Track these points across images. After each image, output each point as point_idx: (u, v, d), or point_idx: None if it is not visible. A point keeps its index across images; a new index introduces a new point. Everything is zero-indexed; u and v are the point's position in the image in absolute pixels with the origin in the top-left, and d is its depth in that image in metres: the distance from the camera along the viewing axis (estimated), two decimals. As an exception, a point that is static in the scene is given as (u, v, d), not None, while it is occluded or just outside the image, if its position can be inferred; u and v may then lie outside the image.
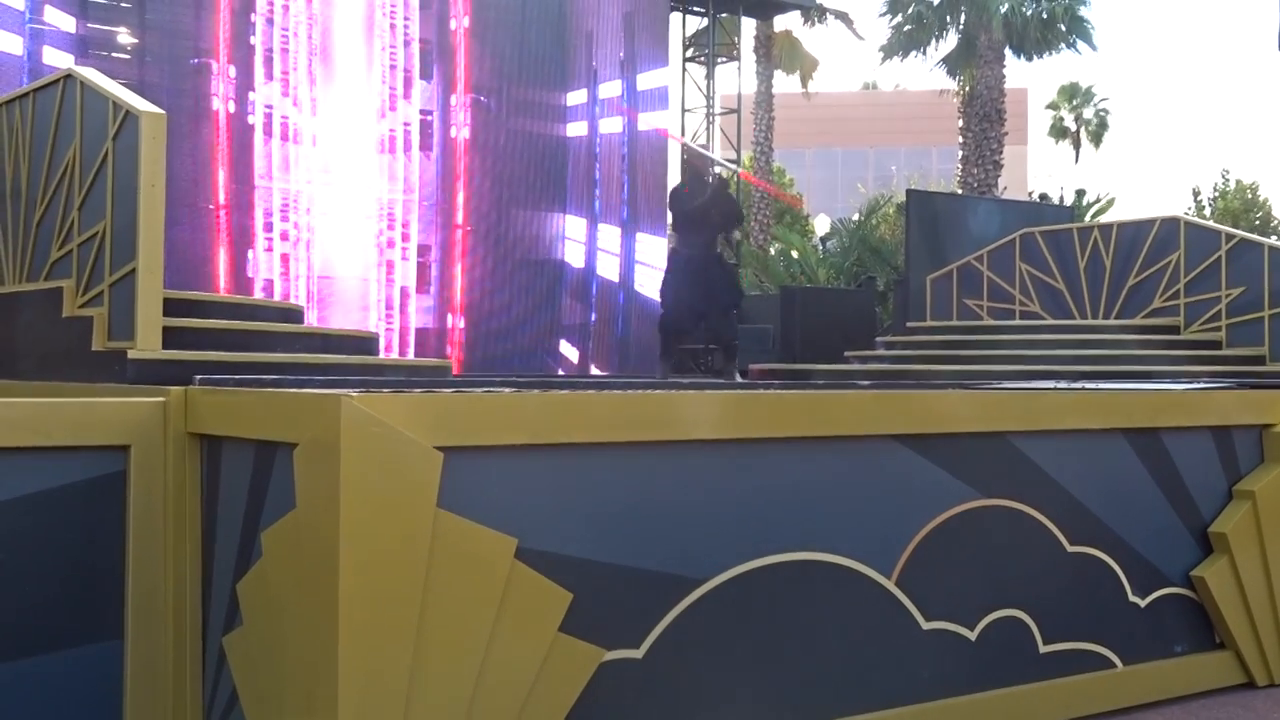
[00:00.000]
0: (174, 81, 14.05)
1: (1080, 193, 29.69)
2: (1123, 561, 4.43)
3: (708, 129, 19.56)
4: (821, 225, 30.14)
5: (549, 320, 16.90)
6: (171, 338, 4.79)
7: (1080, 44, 27.22)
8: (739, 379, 10.93)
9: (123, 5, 13.36)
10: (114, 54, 13.40)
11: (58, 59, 12.92)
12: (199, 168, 14.32)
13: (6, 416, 3.34)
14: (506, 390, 3.39)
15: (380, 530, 2.89)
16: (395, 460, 2.92)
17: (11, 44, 12.86)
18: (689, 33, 19.98)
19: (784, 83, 30.89)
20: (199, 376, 3.97)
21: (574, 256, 17.15)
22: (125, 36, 13.40)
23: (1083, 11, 27.09)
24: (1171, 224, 11.42)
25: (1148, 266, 11.46)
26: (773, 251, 26.72)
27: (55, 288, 5.23)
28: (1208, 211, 32.94)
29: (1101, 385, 5.52)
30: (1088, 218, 26.30)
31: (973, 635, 4.03)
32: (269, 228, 14.89)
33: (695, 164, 11.80)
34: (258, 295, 14.37)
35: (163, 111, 4.82)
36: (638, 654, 3.36)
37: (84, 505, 3.43)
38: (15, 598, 3.31)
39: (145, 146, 4.70)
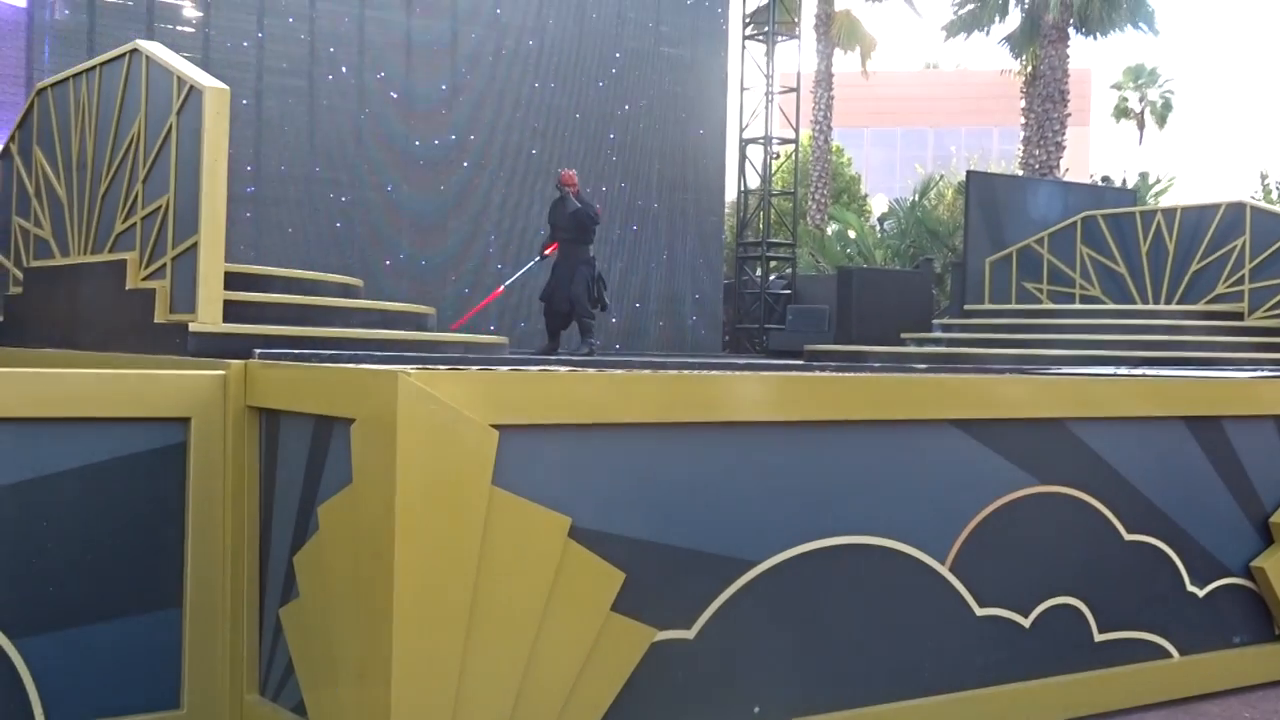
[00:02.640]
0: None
1: (1143, 175, 29.27)
2: (1181, 551, 4.38)
3: (767, 107, 19.46)
4: (879, 205, 29.90)
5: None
6: (232, 311, 4.84)
7: (1143, 25, 26.78)
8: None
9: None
10: (179, 27, 13.52)
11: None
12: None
13: (70, 387, 3.40)
14: (562, 369, 3.39)
15: (436, 507, 2.91)
16: (451, 437, 2.94)
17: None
18: (749, 10, 19.86)
19: (843, 62, 30.66)
20: (259, 350, 4.01)
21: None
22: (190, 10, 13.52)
23: (1144, -7, 26.64)
24: (1237, 209, 11.24)
25: (1211, 251, 11.29)
26: (829, 231, 26.55)
27: (119, 260, 5.30)
28: (1275, 196, 32.36)
29: (1162, 372, 5.45)
30: (1150, 200, 25.93)
31: (1027, 622, 4.00)
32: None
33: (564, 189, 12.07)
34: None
35: (226, 87, 4.86)
36: (689, 635, 3.36)
37: (145, 476, 3.48)
38: (77, 566, 3.36)
39: (209, 121, 4.74)
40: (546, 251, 12.28)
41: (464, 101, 15.32)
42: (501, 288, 13.09)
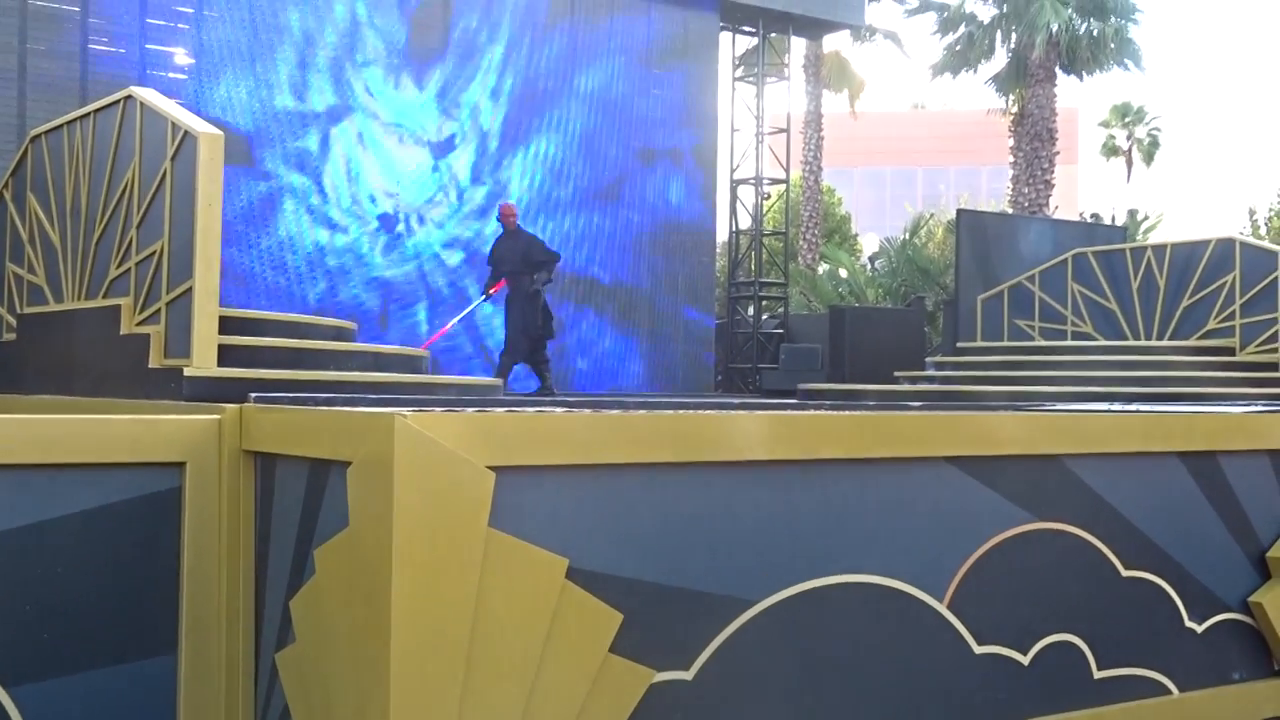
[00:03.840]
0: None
1: (1132, 212, 29.44)
2: (1179, 586, 4.37)
3: (757, 148, 19.57)
4: (870, 244, 30.05)
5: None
6: (227, 355, 4.84)
7: (1130, 64, 26.97)
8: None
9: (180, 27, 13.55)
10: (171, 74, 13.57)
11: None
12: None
13: (64, 433, 3.39)
14: (558, 410, 3.40)
15: (432, 549, 2.90)
16: (448, 479, 2.93)
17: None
18: (738, 52, 20.01)
19: (832, 102, 30.86)
20: (254, 394, 4.01)
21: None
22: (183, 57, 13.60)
23: (1132, 33, 26.85)
24: (1226, 244, 11.31)
25: (1202, 287, 11.34)
26: (821, 270, 26.65)
27: (113, 305, 5.30)
28: (1263, 231, 32.57)
29: (1156, 407, 5.47)
30: (1139, 236, 26.07)
31: (1026, 660, 3.99)
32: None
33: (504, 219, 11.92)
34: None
35: (220, 132, 4.88)
36: (687, 675, 3.34)
37: (139, 521, 3.47)
38: (71, 613, 3.34)
39: (203, 166, 4.76)
40: (492, 291, 12.03)
41: (458, 145, 15.39)
42: (447, 326, 12.89)
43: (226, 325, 4.99)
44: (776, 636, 3.50)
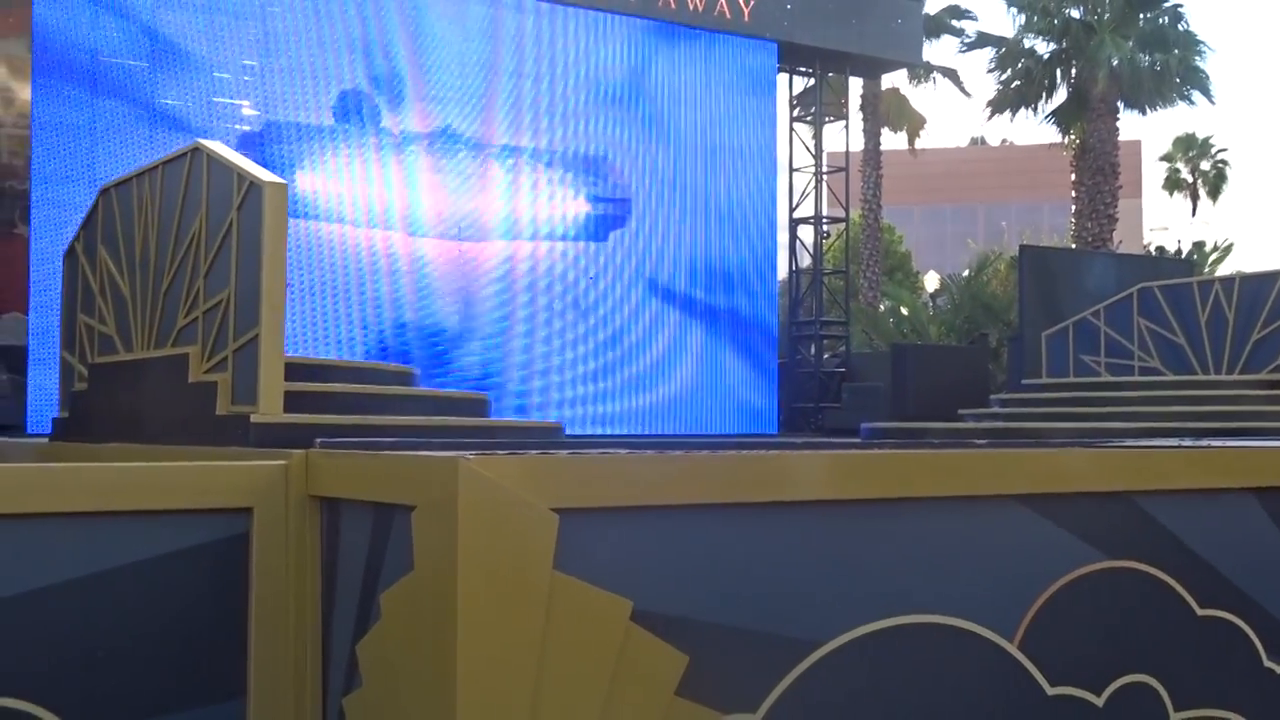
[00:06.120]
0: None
1: (1199, 244, 29.09)
2: (1256, 625, 4.27)
3: (816, 187, 19.57)
4: (931, 282, 29.91)
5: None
6: (293, 401, 4.89)
7: (1196, 95, 26.63)
8: None
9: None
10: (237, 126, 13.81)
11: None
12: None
13: (132, 480, 3.43)
14: (621, 451, 3.39)
15: (497, 593, 2.90)
16: (512, 522, 2.93)
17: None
18: (795, 92, 20.05)
19: (891, 140, 30.84)
20: (319, 440, 4.04)
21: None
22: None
23: (1199, 63, 26.56)
24: (1297, 276, 11.14)
25: (1273, 320, 11.16)
26: (882, 308, 26.53)
27: (181, 354, 5.37)
28: (1334, 262, 32.04)
29: (1228, 442, 5.37)
30: (1206, 269, 25.73)
31: (1100, 701, 3.91)
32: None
33: None
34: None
35: (284, 181, 4.95)
36: (755, 718, 3.31)
37: (208, 567, 3.50)
38: (140, 660, 3.37)
39: (268, 215, 4.82)
40: None
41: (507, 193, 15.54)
42: None
43: (292, 372, 5.04)
44: (845, 678, 3.46)
